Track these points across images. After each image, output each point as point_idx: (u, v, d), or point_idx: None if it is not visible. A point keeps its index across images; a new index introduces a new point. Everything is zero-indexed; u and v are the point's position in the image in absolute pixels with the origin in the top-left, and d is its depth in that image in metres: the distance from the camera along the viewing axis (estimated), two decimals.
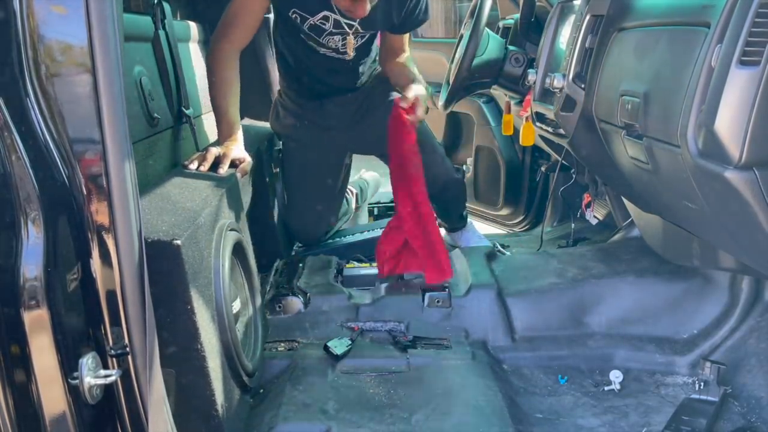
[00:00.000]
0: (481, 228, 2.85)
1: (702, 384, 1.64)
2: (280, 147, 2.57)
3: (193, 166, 1.71)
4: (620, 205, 2.21)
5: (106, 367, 0.93)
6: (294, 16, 2.01)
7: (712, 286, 1.81)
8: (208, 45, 2.79)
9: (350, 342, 1.74)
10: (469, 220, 2.61)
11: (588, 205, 2.42)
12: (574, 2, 1.89)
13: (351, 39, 2.09)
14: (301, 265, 2.13)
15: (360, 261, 2.18)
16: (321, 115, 2.35)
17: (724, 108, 1.03)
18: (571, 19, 1.86)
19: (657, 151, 1.29)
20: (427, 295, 1.88)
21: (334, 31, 2.05)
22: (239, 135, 1.87)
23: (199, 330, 1.23)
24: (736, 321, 1.73)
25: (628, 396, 1.65)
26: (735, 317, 1.73)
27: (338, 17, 2.00)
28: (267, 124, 2.65)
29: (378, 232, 2.34)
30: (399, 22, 2.13)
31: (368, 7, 1.91)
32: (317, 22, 2.02)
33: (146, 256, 0.95)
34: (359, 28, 2.06)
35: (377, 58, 2.40)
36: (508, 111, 2.63)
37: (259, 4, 1.98)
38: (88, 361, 0.89)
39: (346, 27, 2.04)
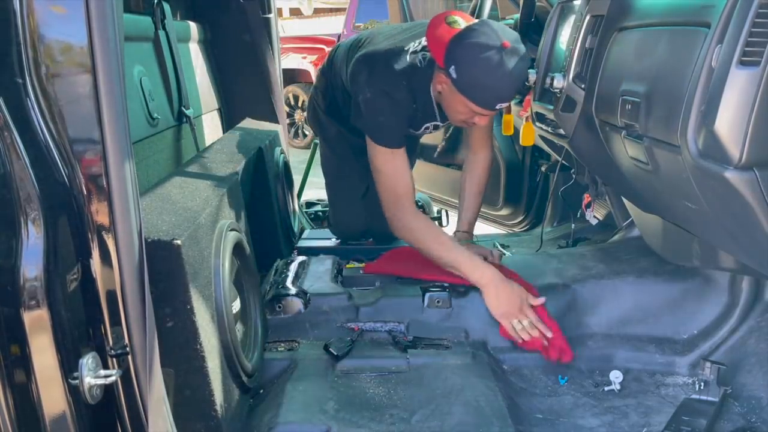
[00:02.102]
0: (481, 228, 2.84)
1: (702, 384, 1.64)
2: (282, 148, 2.57)
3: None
4: (620, 205, 2.21)
5: (106, 367, 0.93)
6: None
7: (712, 286, 1.80)
8: (208, 45, 2.80)
9: (350, 342, 1.74)
10: None
11: (588, 205, 2.41)
12: (574, 2, 1.89)
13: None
14: (301, 265, 2.13)
15: (360, 261, 2.17)
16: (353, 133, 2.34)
17: (724, 108, 1.03)
18: (571, 19, 1.85)
19: (657, 151, 1.29)
20: (427, 295, 1.88)
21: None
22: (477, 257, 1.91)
23: (198, 330, 1.23)
24: (736, 321, 1.73)
25: (628, 396, 1.65)
26: (735, 317, 1.73)
27: (439, 123, 2.09)
28: (268, 125, 2.65)
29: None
30: None
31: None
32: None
33: (146, 256, 0.95)
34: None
35: None
36: (508, 111, 2.62)
37: (403, 155, 1.96)
38: (88, 361, 0.89)
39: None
